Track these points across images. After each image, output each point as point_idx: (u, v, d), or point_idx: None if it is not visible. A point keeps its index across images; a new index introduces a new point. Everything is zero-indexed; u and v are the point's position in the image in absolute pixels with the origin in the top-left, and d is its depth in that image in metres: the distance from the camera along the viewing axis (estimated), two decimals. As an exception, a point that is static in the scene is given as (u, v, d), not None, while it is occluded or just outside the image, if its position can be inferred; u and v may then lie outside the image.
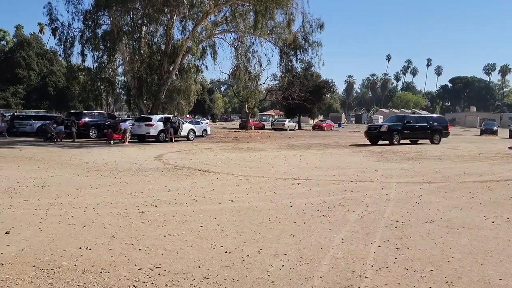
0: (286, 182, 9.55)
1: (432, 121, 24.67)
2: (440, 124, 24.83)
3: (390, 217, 6.25)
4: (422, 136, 23.86)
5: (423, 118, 25.45)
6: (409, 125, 23.24)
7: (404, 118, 24.25)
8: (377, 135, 23.03)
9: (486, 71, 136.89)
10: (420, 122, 23.95)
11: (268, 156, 15.81)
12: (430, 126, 23.81)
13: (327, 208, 6.82)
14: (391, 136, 22.34)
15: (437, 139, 23.86)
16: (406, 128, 23.08)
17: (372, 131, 23.63)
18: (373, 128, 24.15)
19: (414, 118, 24.63)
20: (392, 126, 22.98)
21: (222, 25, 31.76)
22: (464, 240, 5.16)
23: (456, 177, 10.54)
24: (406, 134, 23.14)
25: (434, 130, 23.87)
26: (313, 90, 47.85)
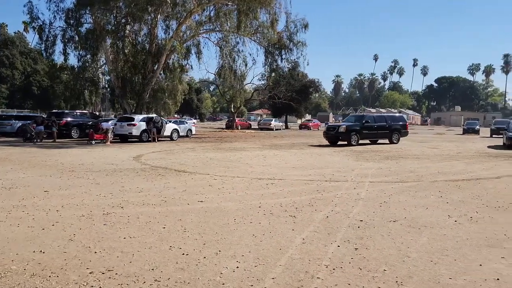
0: (260, 182, 9.55)
1: (391, 120, 24.21)
2: (399, 123, 24.46)
3: (355, 216, 6.28)
4: (381, 136, 23.37)
5: (381, 117, 24.77)
6: (368, 125, 22.66)
7: (362, 118, 23.65)
8: (335, 135, 22.39)
9: (470, 71, 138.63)
10: (378, 122, 23.41)
11: (248, 156, 15.80)
12: (389, 126, 23.38)
13: (295, 208, 6.83)
14: (349, 136, 21.73)
15: (396, 138, 23.53)
16: (364, 128, 22.47)
17: (331, 132, 22.90)
18: (332, 128, 23.39)
19: (373, 117, 24.07)
20: (350, 127, 22.35)
21: (207, 25, 31.66)
22: (423, 239, 5.21)
23: (430, 176, 10.65)
24: (365, 134, 22.54)
25: (393, 129, 23.48)
26: (300, 90, 48.01)
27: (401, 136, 24.03)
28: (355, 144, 21.68)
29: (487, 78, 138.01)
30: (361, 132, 22.23)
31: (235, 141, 26.41)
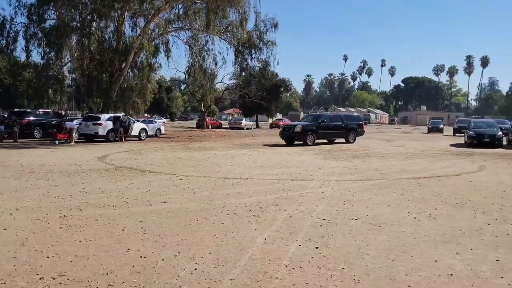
0: (227, 182, 9.49)
1: (347, 120, 24.12)
2: (355, 122, 24.37)
3: (318, 215, 6.32)
4: (337, 135, 23.24)
5: (338, 117, 24.60)
6: (324, 125, 22.33)
7: (319, 117, 23.41)
8: (291, 135, 21.90)
9: (435, 72, 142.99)
10: (335, 121, 23.16)
11: (216, 156, 15.69)
12: (345, 125, 23.26)
13: (260, 208, 6.81)
14: (305, 136, 21.26)
15: (352, 138, 23.39)
16: (321, 128, 22.12)
17: (286, 131, 22.35)
18: (288, 128, 22.75)
19: (329, 117, 23.84)
20: (306, 126, 21.95)
21: (176, 23, 31.31)
22: (383, 236, 5.29)
23: (393, 174, 10.87)
24: (321, 134, 22.15)
25: (349, 129, 23.37)
26: (270, 89, 48.13)
27: (357, 136, 23.91)
28: (311, 144, 21.22)
29: (451, 78, 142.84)
30: (317, 131, 21.88)
31: (204, 140, 26.21)
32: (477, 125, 23.29)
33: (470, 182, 9.78)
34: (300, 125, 21.96)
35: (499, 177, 10.65)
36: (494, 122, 25.23)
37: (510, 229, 5.67)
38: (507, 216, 6.41)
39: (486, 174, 11.12)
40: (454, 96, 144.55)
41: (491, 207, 7.04)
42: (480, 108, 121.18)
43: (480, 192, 8.45)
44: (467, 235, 5.37)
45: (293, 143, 21.91)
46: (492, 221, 6.08)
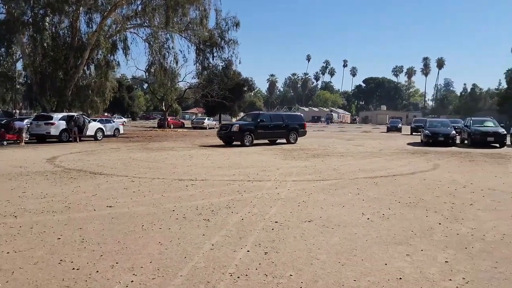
0: (181, 183, 9.14)
1: (288, 119, 23.06)
2: (297, 122, 23.47)
3: (271, 218, 6.12)
4: (278, 135, 22.36)
5: (278, 116, 23.52)
6: (263, 124, 21.33)
7: (258, 116, 22.20)
8: (228, 135, 20.96)
9: (394, 72, 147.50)
10: (275, 121, 22.15)
11: (174, 156, 15.25)
12: (286, 125, 22.33)
13: (212, 211, 6.54)
14: (243, 136, 20.37)
15: (294, 138, 22.47)
16: (260, 127, 21.13)
17: (223, 131, 21.48)
18: (225, 127, 21.88)
19: (269, 116, 22.72)
20: (244, 126, 21.07)
21: (135, 20, 30.43)
22: (335, 239, 5.15)
23: (351, 174, 10.88)
24: (260, 134, 21.18)
25: (290, 129, 22.47)
26: (233, 88, 47.89)
27: (299, 136, 23.03)
28: (249, 145, 20.26)
29: (409, 79, 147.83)
30: (256, 131, 20.93)
31: (164, 140, 25.60)
32: (432, 125, 24.02)
33: (424, 180, 9.92)
34: (237, 125, 21.18)
35: (451, 175, 10.88)
36: (448, 121, 26.11)
37: (459, 228, 5.69)
38: (458, 215, 6.46)
39: (440, 173, 11.35)
40: (412, 96, 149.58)
41: (442, 206, 7.10)
42: (436, 108, 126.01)
43: (433, 191, 8.55)
44: (418, 236, 5.32)
45: (231, 143, 21.01)
46: (443, 220, 6.10)
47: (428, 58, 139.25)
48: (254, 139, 20.80)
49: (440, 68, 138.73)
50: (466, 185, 9.33)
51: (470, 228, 5.71)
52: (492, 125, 22.69)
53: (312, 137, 31.52)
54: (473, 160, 14.56)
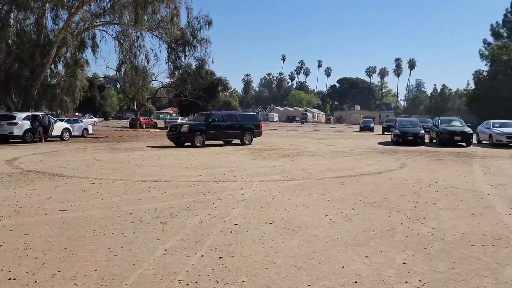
0: (144, 185, 8.84)
1: (242, 119, 22.13)
2: (252, 122, 22.57)
3: (232, 220, 5.93)
4: (231, 136, 21.48)
5: (232, 116, 22.37)
6: (215, 124, 20.43)
7: (210, 116, 21.29)
8: (178, 136, 19.87)
9: (368, 73, 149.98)
10: (228, 121, 21.20)
11: (142, 156, 14.87)
12: (240, 125, 21.42)
13: (171, 213, 6.30)
14: (193, 137, 19.41)
15: (248, 139, 21.54)
16: (212, 128, 20.24)
17: (173, 132, 20.33)
18: (174, 128, 20.61)
19: (222, 116, 21.52)
20: (194, 126, 20.20)
21: (104, 17, 29.68)
22: (294, 241, 5.00)
23: (319, 174, 10.81)
24: (212, 134, 20.26)
25: (245, 129, 21.54)
26: (207, 88, 47.45)
27: (254, 136, 22.06)
28: (200, 146, 19.30)
29: (382, 80, 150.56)
30: (208, 132, 19.99)
31: (134, 140, 25.06)
32: (402, 124, 24.38)
33: (390, 180, 9.94)
34: (187, 125, 20.21)
35: (418, 174, 10.96)
36: (417, 121, 26.57)
37: (420, 228, 5.65)
38: (420, 214, 6.44)
39: (406, 172, 11.42)
40: (385, 97, 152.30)
41: (406, 205, 7.08)
42: (408, 108, 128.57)
43: (398, 190, 8.56)
44: (379, 237, 5.24)
45: (182, 144, 19.88)
46: (405, 220, 6.05)
47: (400, 59, 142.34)
48: (205, 139, 19.86)
49: (412, 69, 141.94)
50: (431, 184, 9.40)
51: (431, 227, 5.67)
52: (459, 124, 23.20)
53: (285, 136, 31.57)
54: (439, 159, 14.77)
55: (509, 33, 57.44)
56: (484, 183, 9.52)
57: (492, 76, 51.20)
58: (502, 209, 6.82)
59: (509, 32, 57.94)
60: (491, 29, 60.57)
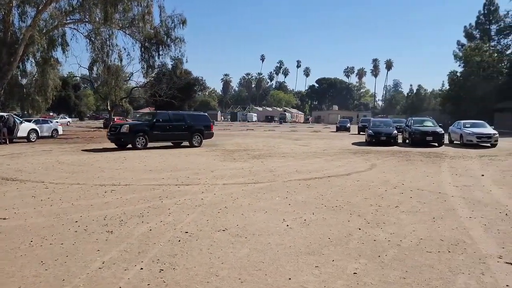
0: (101, 189, 8.44)
1: (191, 120, 20.68)
2: (202, 123, 21.15)
3: (183, 227, 5.63)
4: (179, 137, 20.33)
5: (180, 116, 20.95)
6: (161, 125, 19.15)
7: (154, 116, 20.11)
8: (118, 137, 18.43)
9: (346, 73, 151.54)
10: (176, 121, 19.90)
11: (107, 158, 14.37)
12: (188, 126, 20.12)
13: (120, 221, 5.95)
14: (134, 138, 18.11)
15: (198, 141, 20.35)
16: (156, 128, 18.98)
17: (113, 132, 18.85)
18: (113, 128, 19.09)
19: (168, 116, 20.21)
20: (136, 126, 18.95)
21: (74, 14, 28.84)
22: (244, 251, 4.74)
23: (286, 176, 10.59)
24: (156, 136, 19.05)
25: (194, 130, 20.30)
26: (183, 88, 46.93)
27: (204, 138, 20.90)
28: (141, 148, 18.15)
29: (360, 80, 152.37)
30: (151, 133, 18.74)
31: (105, 141, 24.31)
32: (376, 124, 24.48)
33: (357, 182, 9.80)
34: (128, 125, 18.82)
35: (385, 175, 10.87)
36: (390, 121, 26.75)
37: (378, 233, 5.47)
38: (380, 218, 6.27)
39: (375, 173, 11.32)
40: (363, 97, 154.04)
41: (368, 208, 6.91)
42: (385, 108, 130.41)
43: (363, 192, 8.41)
44: (334, 244, 5.03)
45: (123, 146, 18.54)
46: (364, 225, 5.87)
47: (377, 59, 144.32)
48: (148, 141, 18.64)
49: (389, 69, 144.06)
50: (397, 185, 9.29)
51: (389, 233, 5.50)
52: (431, 125, 23.41)
53: (260, 137, 31.37)
54: (409, 160, 14.78)
55: (482, 35, 58.79)
56: (449, 185, 9.48)
57: (465, 77, 52.27)
58: (464, 212, 6.73)
59: (481, 33, 59.32)
60: (465, 31, 61.96)
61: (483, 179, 10.43)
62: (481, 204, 7.33)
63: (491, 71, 51.31)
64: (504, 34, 55.98)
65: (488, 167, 12.81)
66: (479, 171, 11.76)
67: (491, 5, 59.00)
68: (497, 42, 57.58)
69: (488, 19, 59.44)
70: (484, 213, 6.68)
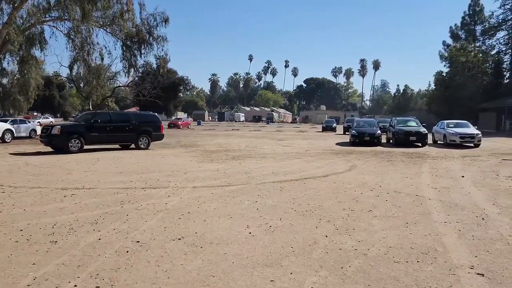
0: (61, 193, 7.95)
1: (137, 120, 19.07)
2: (149, 123, 19.51)
3: (136, 236, 5.20)
4: (122, 139, 18.60)
5: (124, 116, 19.89)
6: (99, 126, 17.41)
7: (92, 116, 18.32)
8: (49, 139, 16.67)
9: (334, 73, 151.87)
10: (117, 122, 18.36)
11: (78, 160, 13.82)
12: (133, 127, 18.46)
13: (70, 229, 5.50)
14: (67, 140, 16.36)
15: (145, 143, 18.70)
16: (94, 130, 17.24)
17: (43, 134, 17.29)
18: (45, 130, 17.34)
19: (109, 116, 18.81)
20: (69, 128, 17.36)
21: (53, 12, 28.07)
22: (197, 262, 4.34)
23: (260, 178, 10.20)
24: (95, 138, 17.32)
25: (140, 131, 18.63)
26: (168, 87, 46.30)
27: (152, 140, 19.26)
28: (76, 151, 16.40)
29: (348, 80, 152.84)
30: (88, 134, 16.99)
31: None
32: (359, 124, 24.24)
33: (334, 184, 9.45)
34: (59, 126, 16.90)
35: (364, 177, 10.55)
36: (374, 121, 26.55)
37: (345, 241, 5.11)
38: (351, 224, 5.92)
39: (353, 175, 10.99)
40: (351, 97, 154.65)
41: (339, 213, 6.55)
42: (373, 108, 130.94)
43: (338, 195, 8.06)
44: (296, 253, 4.65)
45: (58, 149, 16.71)
46: (332, 232, 5.51)
47: (364, 59, 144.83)
48: (84, 143, 16.92)
49: (376, 69, 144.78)
50: (374, 188, 8.97)
51: (357, 240, 5.14)
52: (415, 125, 23.26)
53: (244, 137, 30.97)
54: (391, 160, 14.51)
55: (467, 35, 59.22)
56: (428, 187, 9.19)
57: (451, 77, 52.51)
58: (439, 216, 6.41)
59: (466, 34, 59.76)
60: (450, 31, 62.40)
61: (463, 180, 10.17)
62: (458, 208, 7.03)
63: (476, 71, 51.67)
64: (488, 35, 56.52)
65: (469, 168, 12.59)
66: (460, 172, 11.52)
67: (476, 5, 59.53)
68: (482, 43, 58.13)
69: (473, 20, 59.98)
70: (460, 217, 6.38)
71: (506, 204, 7.35)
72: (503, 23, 54.31)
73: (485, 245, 5.01)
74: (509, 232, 5.54)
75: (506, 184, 9.53)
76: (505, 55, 55.34)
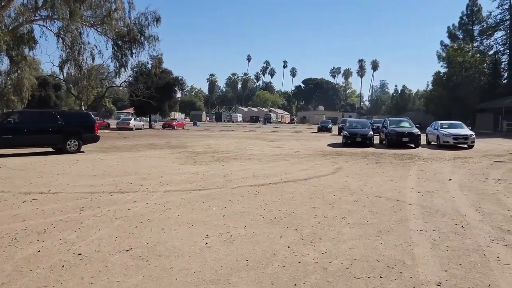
0: (21, 198, 7.54)
1: (66, 120, 16.76)
2: (81, 123, 17.34)
3: (81, 247, 4.79)
4: (45, 141, 16.37)
5: (47, 116, 16.97)
6: (15, 127, 15.49)
7: (7, 115, 16.43)
8: None
9: (332, 74, 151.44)
10: (39, 122, 16.20)
11: (56, 161, 13.39)
12: (60, 128, 16.36)
13: (13, 239, 5.11)
14: None
15: (74, 146, 16.70)
16: (8, 131, 15.24)
17: None
18: None
19: (30, 115, 16.99)
20: None
21: (42, 11, 27.69)
22: (136, 279, 3.93)
23: (239, 181, 9.79)
24: (8, 140, 15.21)
25: (68, 133, 16.56)
26: (163, 87, 45.76)
27: (84, 143, 17.28)
28: None
29: (346, 80, 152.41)
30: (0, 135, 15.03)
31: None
32: (352, 125, 23.83)
33: (314, 187, 9.04)
34: None
35: (347, 180, 10.15)
36: (367, 122, 26.14)
37: (308, 253, 4.70)
38: (319, 233, 5.51)
39: (336, 178, 10.58)
40: (349, 97, 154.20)
41: (310, 221, 6.14)
42: (371, 108, 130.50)
43: (314, 200, 7.65)
44: (249, 267, 4.24)
45: None
46: (296, 242, 5.10)
47: (363, 60, 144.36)
48: None
49: (375, 70, 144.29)
50: (355, 192, 8.56)
51: (320, 252, 4.73)
52: (407, 125, 22.85)
53: (237, 137, 30.55)
54: (379, 162, 14.10)
55: (465, 36, 58.83)
56: (412, 190, 8.78)
57: (448, 77, 52.13)
58: (416, 224, 6.01)
59: (464, 34, 59.37)
60: (448, 31, 61.97)
61: (449, 183, 9.77)
62: (438, 214, 6.63)
63: (473, 71, 51.27)
64: (486, 35, 56.12)
65: (459, 170, 12.19)
66: (448, 175, 11.12)
67: (474, 6, 59.11)
68: (480, 43, 57.77)
69: (471, 20, 59.55)
70: (439, 225, 5.97)
71: (489, 210, 6.95)
72: (501, 23, 53.96)
73: (459, 257, 4.61)
74: (487, 242, 5.14)
75: (494, 188, 9.13)
76: (502, 56, 54.95)
